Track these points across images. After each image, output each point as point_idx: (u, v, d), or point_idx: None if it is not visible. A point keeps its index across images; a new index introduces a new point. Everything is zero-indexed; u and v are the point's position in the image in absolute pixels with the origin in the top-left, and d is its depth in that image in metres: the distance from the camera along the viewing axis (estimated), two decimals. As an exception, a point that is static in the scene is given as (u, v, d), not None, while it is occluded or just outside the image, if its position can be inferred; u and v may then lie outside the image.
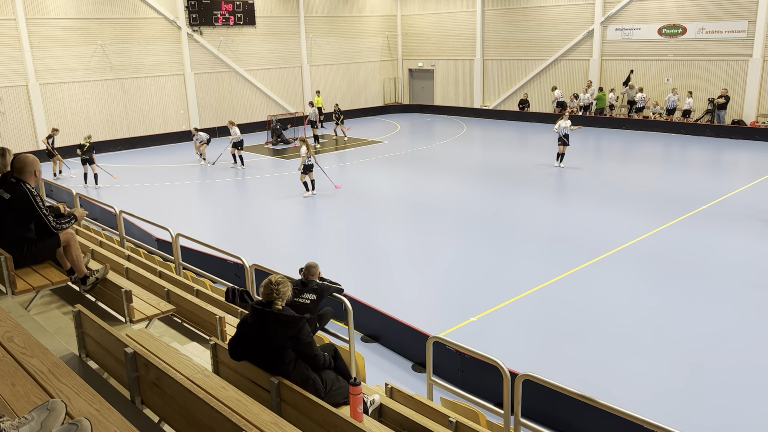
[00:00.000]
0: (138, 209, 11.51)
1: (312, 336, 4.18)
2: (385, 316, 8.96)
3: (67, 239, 5.42)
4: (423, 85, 35.09)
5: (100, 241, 9.09)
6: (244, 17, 28.10)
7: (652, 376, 7.79)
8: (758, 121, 23.79)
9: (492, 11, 31.07)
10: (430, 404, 5.15)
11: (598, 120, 27.13)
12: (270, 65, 29.61)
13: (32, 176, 5.32)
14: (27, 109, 22.80)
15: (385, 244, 13.21)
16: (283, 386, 3.78)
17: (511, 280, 10.88)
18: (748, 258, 11.52)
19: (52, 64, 23.11)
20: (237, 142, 20.57)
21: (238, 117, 28.47)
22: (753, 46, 23.46)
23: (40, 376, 2.98)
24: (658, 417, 4.26)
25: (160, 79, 26.13)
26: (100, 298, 5.64)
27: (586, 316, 9.42)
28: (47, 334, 4.29)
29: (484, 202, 16.17)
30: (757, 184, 16.71)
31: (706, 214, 14.24)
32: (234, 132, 20.42)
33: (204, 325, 5.78)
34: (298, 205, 16.23)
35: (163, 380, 3.19)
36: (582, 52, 28.29)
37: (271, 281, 4.14)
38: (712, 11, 24.27)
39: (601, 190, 16.62)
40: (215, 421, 2.82)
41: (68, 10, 23.23)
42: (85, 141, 18.19)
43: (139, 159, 23.07)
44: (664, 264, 11.34)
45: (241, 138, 20.69)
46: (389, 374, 8.04)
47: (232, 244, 10.87)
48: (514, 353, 8.20)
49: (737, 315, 9.32)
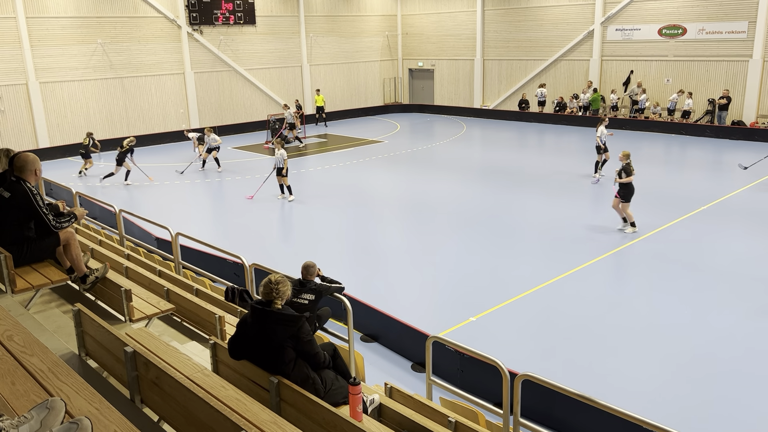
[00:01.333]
0: (138, 208, 11.51)
1: (312, 335, 4.18)
2: (385, 316, 8.96)
3: (66, 238, 5.42)
4: (423, 85, 35.09)
5: (100, 240, 9.08)
6: (245, 16, 28.10)
7: (652, 376, 7.79)
8: (758, 121, 23.80)
9: (492, 11, 31.07)
10: (430, 404, 5.15)
11: (597, 120, 27.07)
12: (270, 64, 29.61)
13: (32, 175, 5.32)
14: (27, 108, 22.80)
15: (384, 244, 13.21)
16: (282, 385, 3.78)
17: (510, 280, 10.88)
18: (749, 259, 11.52)
19: (52, 63, 23.10)
20: (213, 147, 20.09)
21: (237, 116, 28.53)
22: (753, 47, 23.46)
23: (39, 374, 2.98)
24: (658, 417, 4.26)
25: (160, 78, 26.12)
26: (100, 297, 5.64)
27: (586, 316, 9.43)
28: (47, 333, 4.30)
29: (483, 201, 16.17)
30: (757, 184, 16.72)
31: (706, 214, 14.24)
32: (213, 139, 19.94)
33: (204, 324, 5.78)
34: (298, 204, 16.23)
35: (162, 379, 3.19)
36: (582, 53, 28.29)
37: (270, 280, 4.14)
38: (712, 12, 24.28)
39: (601, 190, 16.62)
40: (215, 420, 2.82)
41: (68, 9, 23.23)
42: (127, 144, 18.54)
43: (139, 158, 23.02)
44: (664, 264, 11.34)
45: (219, 145, 20.25)
46: (389, 374, 8.05)
47: (232, 244, 10.88)
48: (514, 353, 8.21)
49: (738, 314, 9.32)
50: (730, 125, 24.05)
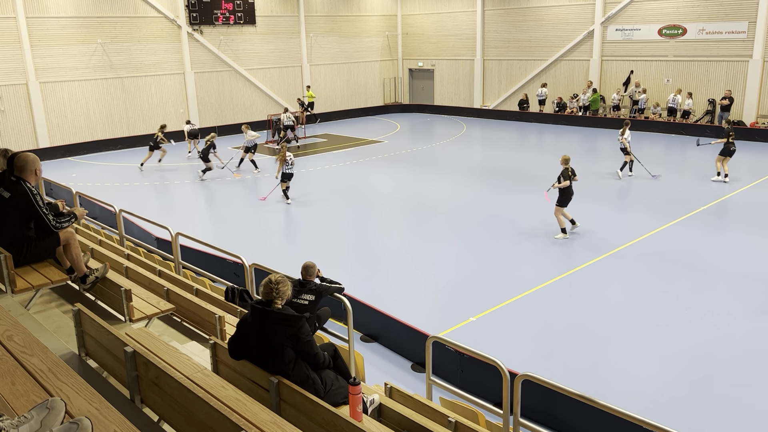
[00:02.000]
0: (138, 208, 11.50)
1: (312, 335, 4.18)
2: (385, 316, 8.96)
3: (66, 238, 5.42)
4: (423, 85, 35.09)
5: (100, 240, 9.08)
6: (245, 16, 28.10)
7: (652, 376, 7.79)
8: (758, 122, 23.79)
9: (492, 11, 31.07)
10: (430, 404, 5.15)
11: (597, 120, 27.15)
12: (270, 64, 29.61)
13: (32, 175, 5.32)
14: (27, 108, 22.80)
15: (384, 244, 13.21)
16: (282, 385, 3.78)
17: (510, 280, 10.88)
18: (749, 259, 11.52)
19: (52, 63, 23.10)
20: (251, 146, 19.99)
21: (238, 116, 28.50)
22: (753, 47, 23.46)
23: (39, 374, 2.98)
24: (657, 417, 4.26)
25: (160, 78, 26.12)
26: (100, 297, 5.64)
27: (586, 316, 9.43)
28: (47, 333, 4.30)
29: (483, 201, 16.17)
30: (757, 184, 16.72)
31: (706, 214, 14.24)
32: (250, 135, 19.75)
33: (203, 324, 5.78)
34: (298, 204, 16.23)
35: (162, 379, 3.19)
36: (582, 53, 28.29)
37: (270, 280, 4.14)
38: (712, 12, 24.27)
39: (600, 191, 16.61)
40: (215, 420, 2.82)
41: (68, 9, 23.23)
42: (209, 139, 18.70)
43: (139, 158, 23.05)
44: (664, 264, 11.34)
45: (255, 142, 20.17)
46: (389, 374, 8.04)
47: (232, 244, 10.87)
48: (514, 353, 8.21)
49: (737, 314, 9.32)
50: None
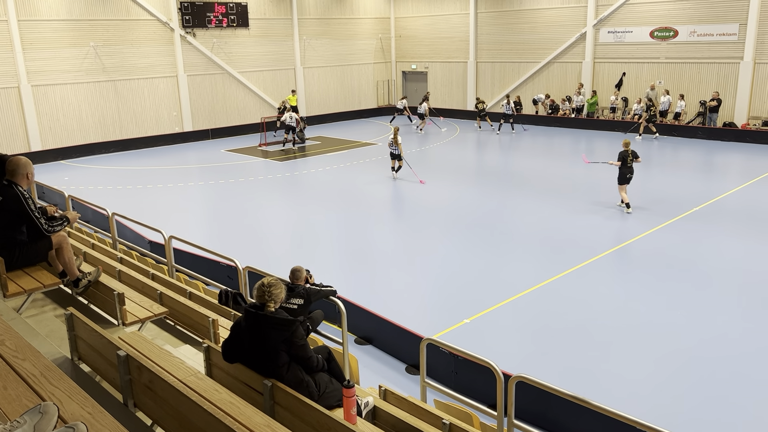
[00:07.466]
0: (130, 211, 11.46)
1: (305, 338, 4.18)
2: (379, 318, 8.96)
3: (59, 242, 5.40)
4: (416, 87, 35.12)
5: (93, 243, 9.05)
6: (238, 19, 28.06)
7: (648, 377, 7.81)
8: (749, 123, 23.94)
9: (485, 14, 31.16)
10: (424, 406, 5.16)
11: (590, 123, 27.27)
12: (263, 67, 29.58)
13: (24, 179, 5.30)
14: (19, 111, 22.67)
15: (378, 246, 13.21)
16: (276, 389, 3.78)
17: (504, 282, 10.90)
18: (743, 259, 11.58)
19: (44, 66, 22.99)
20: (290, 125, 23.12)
21: (231, 119, 28.47)
22: (744, 49, 23.61)
23: (31, 379, 2.97)
24: (652, 418, 4.28)
25: (153, 80, 26.04)
26: (93, 301, 5.62)
27: (580, 317, 9.45)
28: (39, 337, 4.28)
29: (477, 203, 16.19)
30: (748, 186, 16.82)
31: (700, 215, 14.31)
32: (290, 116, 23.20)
33: (197, 327, 5.77)
34: (292, 206, 16.21)
35: (155, 383, 3.18)
36: (574, 55, 28.40)
37: (263, 284, 4.14)
38: (703, 14, 24.42)
39: (593, 192, 16.67)
40: (208, 423, 2.81)
41: (60, 12, 23.13)
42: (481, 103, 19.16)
43: (132, 161, 23.00)
44: (658, 265, 11.38)
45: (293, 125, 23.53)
46: (383, 376, 8.04)
47: (225, 247, 10.83)
48: (508, 355, 8.22)
49: (733, 315, 9.36)
50: (722, 127, 24.19)
